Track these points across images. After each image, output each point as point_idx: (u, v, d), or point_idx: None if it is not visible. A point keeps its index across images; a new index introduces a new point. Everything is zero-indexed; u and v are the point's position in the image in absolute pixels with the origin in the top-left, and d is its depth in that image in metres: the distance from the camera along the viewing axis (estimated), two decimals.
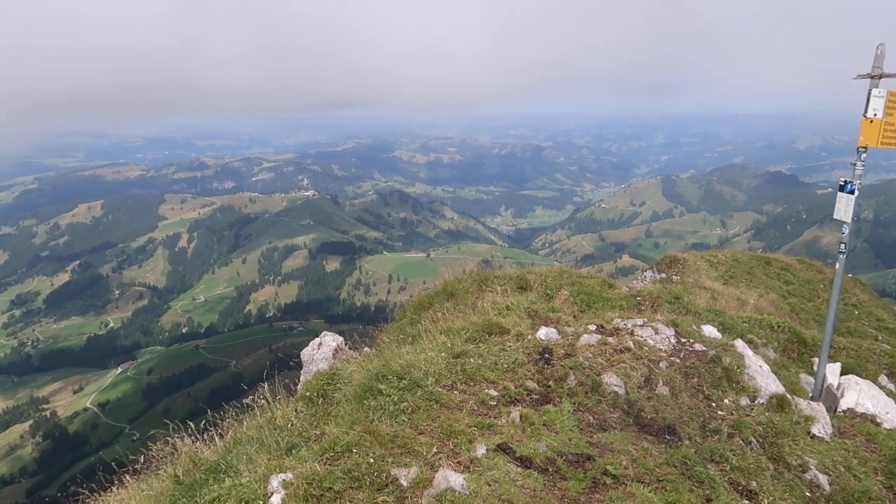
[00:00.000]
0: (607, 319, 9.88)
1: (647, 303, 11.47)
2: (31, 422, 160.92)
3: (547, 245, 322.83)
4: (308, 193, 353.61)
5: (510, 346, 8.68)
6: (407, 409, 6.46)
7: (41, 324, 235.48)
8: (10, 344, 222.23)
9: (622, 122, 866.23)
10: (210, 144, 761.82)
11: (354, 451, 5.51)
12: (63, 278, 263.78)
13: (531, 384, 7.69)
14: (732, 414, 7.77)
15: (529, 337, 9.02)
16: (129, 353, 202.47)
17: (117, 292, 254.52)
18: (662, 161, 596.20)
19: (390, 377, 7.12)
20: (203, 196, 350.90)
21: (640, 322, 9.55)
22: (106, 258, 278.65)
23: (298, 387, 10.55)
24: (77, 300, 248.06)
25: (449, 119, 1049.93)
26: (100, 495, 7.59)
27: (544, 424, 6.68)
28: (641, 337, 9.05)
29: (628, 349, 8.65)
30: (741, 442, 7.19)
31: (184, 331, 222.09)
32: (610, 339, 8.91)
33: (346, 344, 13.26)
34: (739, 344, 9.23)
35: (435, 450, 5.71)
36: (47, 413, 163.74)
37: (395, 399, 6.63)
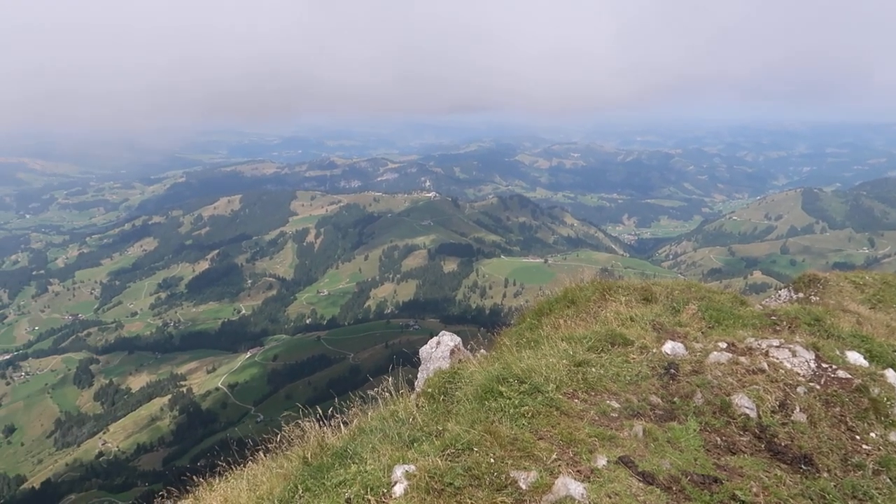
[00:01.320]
0: (739, 338, 9.39)
1: (784, 323, 10.77)
2: (169, 396, 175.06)
3: (671, 257, 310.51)
4: (429, 195, 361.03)
5: (633, 359, 8.47)
6: (527, 414, 6.47)
7: (182, 307, 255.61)
8: (155, 324, 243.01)
9: (759, 129, 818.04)
10: (340, 145, 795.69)
11: (475, 449, 5.60)
12: (203, 266, 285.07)
13: (655, 399, 7.46)
14: (879, 449, 7.15)
15: (654, 350, 8.75)
16: (258, 339, 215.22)
17: (250, 282, 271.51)
18: (804, 172, 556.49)
19: (511, 380, 7.16)
20: (331, 194, 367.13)
21: (775, 343, 9.00)
22: (241, 249, 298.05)
23: (416, 383, 10.83)
24: (214, 287, 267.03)
25: (574, 123, 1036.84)
26: (233, 470, 8.14)
27: (668, 441, 6.47)
28: (777, 359, 8.53)
29: (762, 370, 8.18)
30: (889, 481, 6.61)
31: (307, 322, 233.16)
32: (742, 359, 8.47)
33: (462, 345, 13.41)
34: (890, 374, 8.47)
35: (555, 456, 5.69)
36: (184, 389, 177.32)
37: (516, 402, 6.67)
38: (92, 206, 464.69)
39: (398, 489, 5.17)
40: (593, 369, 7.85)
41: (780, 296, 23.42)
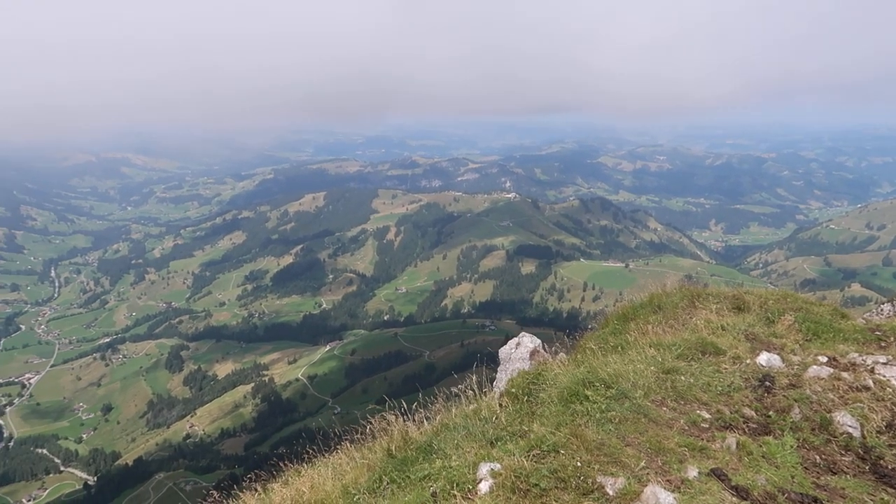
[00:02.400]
0: (840, 352, 8.90)
1: (891, 339, 10.13)
2: (252, 384, 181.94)
3: (760, 265, 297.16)
4: (510, 196, 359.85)
5: (725, 369, 8.17)
6: (614, 419, 6.36)
7: (267, 299, 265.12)
8: (241, 314, 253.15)
9: (862, 134, 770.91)
10: (422, 144, 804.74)
11: (561, 452, 5.55)
12: (287, 260, 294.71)
13: (748, 411, 7.17)
14: None
15: (748, 361, 8.41)
16: (337, 333, 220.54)
17: (331, 277, 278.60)
18: None
19: (597, 384, 7.05)
20: (412, 193, 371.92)
21: (882, 359, 8.47)
22: (324, 245, 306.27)
23: (495, 382, 10.81)
24: (297, 281, 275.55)
25: (660, 126, 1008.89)
26: (315, 458, 8.37)
27: (763, 456, 6.20)
28: (884, 377, 8.02)
29: (867, 388, 7.72)
30: None
31: (385, 318, 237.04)
32: (844, 375, 8.01)
33: (542, 347, 13.32)
34: None
35: (643, 464, 5.56)
36: (266, 379, 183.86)
37: (602, 407, 6.56)
38: (187, 200, 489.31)
39: (484, 487, 5.19)
40: (683, 377, 7.62)
41: (882, 310, 21.96)
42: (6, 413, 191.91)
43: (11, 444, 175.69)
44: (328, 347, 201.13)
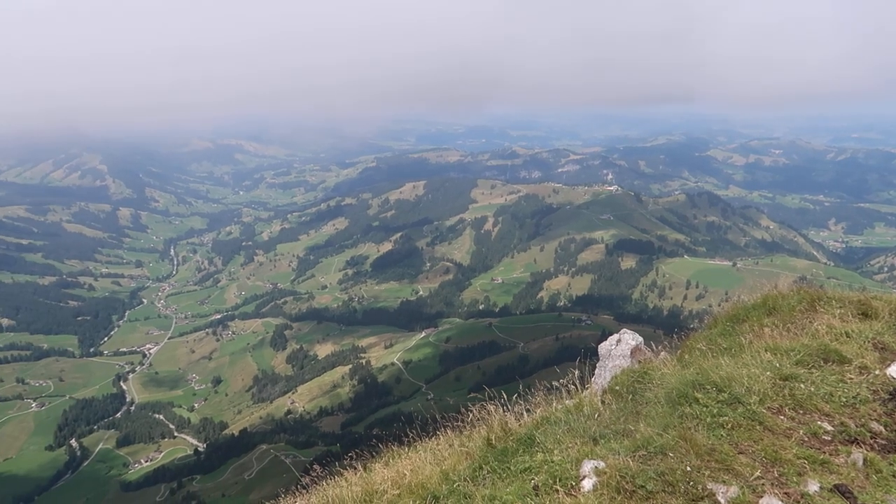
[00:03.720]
0: None
1: None
2: (350, 366, 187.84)
3: (886, 269, 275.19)
4: (611, 188, 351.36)
5: (851, 378, 7.60)
6: (726, 424, 6.07)
7: (366, 284, 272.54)
8: (342, 298, 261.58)
9: None
10: (523, 135, 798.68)
11: (669, 455, 5.36)
12: (387, 247, 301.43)
13: (876, 426, 6.65)
14: None
15: (877, 372, 7.79)
16: (432, 320, 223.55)
17: (428, 265, 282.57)
18: None
19: (708, 387, 6.75)
20: (511, 183, 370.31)
21: None
22: (423, 233, 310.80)
23: (593, 379, 10.59)
24: (396, 267, 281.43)
25: (777, 117, 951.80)
26: (411, 441, 8.49)
27: (894, 475, 5.74)
28: None
29: None
30: None
31: (480, 307, 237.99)
32: None
33: (643, 345, 12.93)
34: None
35: (758, 474, 5.28)
36: (363, 361, 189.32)
37: (714, 411, 6.27)
38: (294, 186, 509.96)
39: (587, 484, 5.09)
40: (802, 385, 7.16)
41: None
42: (129, 380, 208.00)
43: (133, 408, 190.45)
44: (423, 334, 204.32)
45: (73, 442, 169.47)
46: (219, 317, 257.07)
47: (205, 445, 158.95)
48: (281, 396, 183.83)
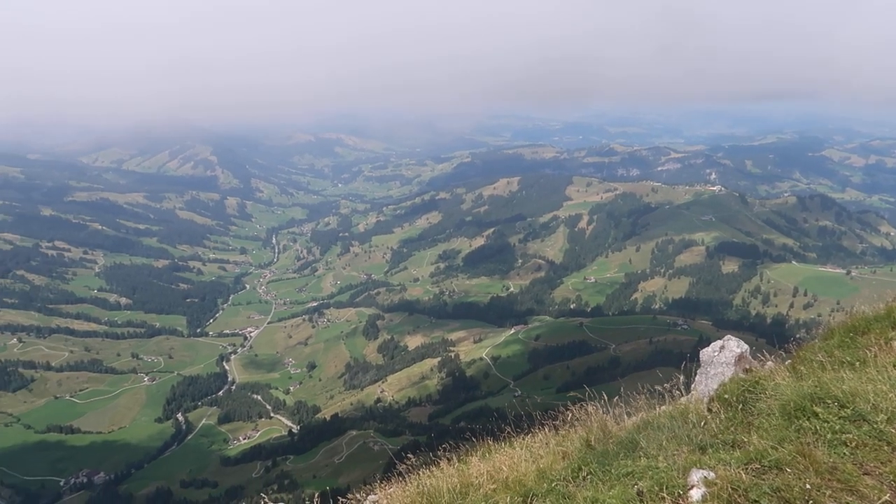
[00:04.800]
0: None
1: None
2: (439, 359, 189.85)
3: None
4: (714, 188, 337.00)
5: None
6: (849, 442, 5.65)
7: (458, 278, 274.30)
8: (433, 291, 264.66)
9: None
10: (622, 132, 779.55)
11: (786, 470, 5.05)
12: (479, 242, 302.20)
13: None
14: None
15: None
16: (522, 317, 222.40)
17: (520, 261, 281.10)
18: None
19: (829, 402, 6.32)
20: (608, 181, 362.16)
21: None
22: (515, 229, 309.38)
23: (693, 385, 10.18)
24: (487, 263, 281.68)
25: None
26: (511, 437, 8.43)
27: None
28: None
29: None
30: None
31: (571, 307, 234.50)
32: None
33: (749, 353, 12.33)
34: None
35: (886, 497, 4.89)
36: (452, 354, 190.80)
37: (836, 428, 5.86)
38: (390, 180, 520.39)
39: (695, 494, 4.88)
40: None
41: None
42: (231, 360, 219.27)
43: (233, 387, 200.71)
44: (513, 331, 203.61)
45: (180, 416, 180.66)
46: (315, 304, 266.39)
47: (298, 427, 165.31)
48: (371, 385, 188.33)
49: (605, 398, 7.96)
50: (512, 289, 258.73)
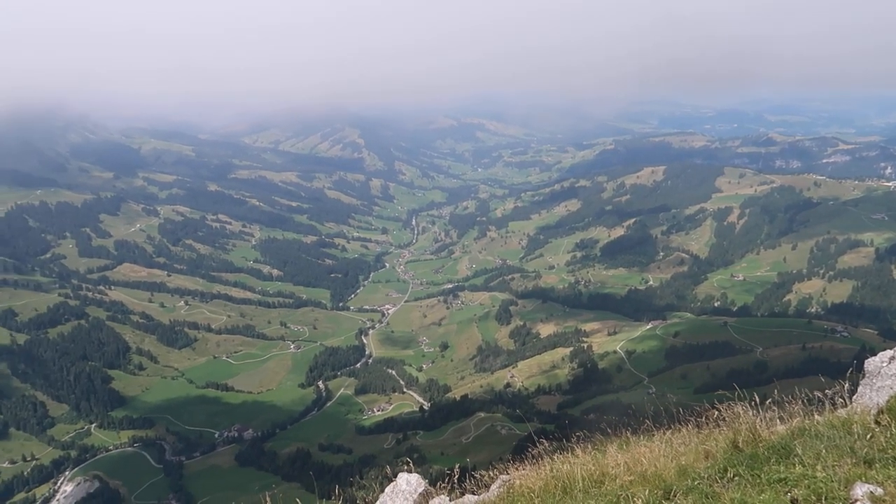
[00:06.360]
0: None
1: None
2: (571, 349, 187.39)
3: None
4: (889, 184, 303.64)
5: None
6: None
7: (594, 268, 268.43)
8: (568, 279, 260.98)
9: None
10: (782, 120, 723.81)
11: None
12: (618, 232, 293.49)
13: None
14: None
15: None
16: (660, 312, 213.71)
17: (661, 254, 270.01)
18: None
19: None
20: (763, 173, 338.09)
21: None
22: (658, 221, 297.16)
23: (855, 397, 9.38)
24: (626, 254, 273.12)
25: None
26: (653, 433, 8.20)
27: None
28: None
29: None
30: None
31: (716, 304, 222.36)
32: None
33: None
34: None
35: None
36: (584, 345, 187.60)
37: None
38: (529, 166, 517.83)
39: None
40: None
41: None
42: (369, 335, 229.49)
43: (370, 361, 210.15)
44: (650, 325, 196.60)
45: (321, 384, 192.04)
46: (450, 286, 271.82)
47: (429, 404, 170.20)
48: (501, 369, 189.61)
49: (757, 400, 7.53)
50: (651, 282, 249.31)
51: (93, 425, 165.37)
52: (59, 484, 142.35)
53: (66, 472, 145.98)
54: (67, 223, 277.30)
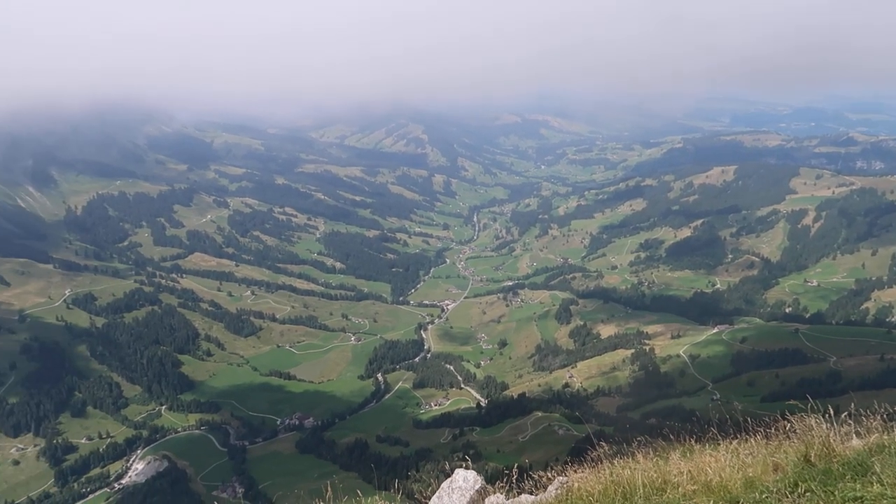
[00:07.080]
0: None
1: None
2: (632, 351, 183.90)
3: None
4: None
5: None
6: None
7: (658, 269, 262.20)
8: (631, 280, 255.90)
9: None
10: (864, 119, 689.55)
11: None
12: (685, 233, 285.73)
13: None
14: None
15: None
16: (728, 317, 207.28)
17: (730, 257, 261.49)
18: None
19: None
20: (843, 174, 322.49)
21: None
22: (727, 222, 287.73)
23: None
24: (692, 256, 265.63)
25: None
26: (720, 442, 7.95)
27: None
28: None
29: None
30: None
31: (787, 310, 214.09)
32: None
33: None
34: None
35: None
36: (646, 348, 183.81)
37: None
38: (594, 164, 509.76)
39: None
40: None
41: None
42: (428, 330, 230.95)
43: (429, 355, 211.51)
44: (716, 330, 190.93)
45: (380, 376, 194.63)
46: (510, 284, 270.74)
47: (486, 401, 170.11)
48: (560, 369, 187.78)
49: (831, 412, 7.19)
50: (718, 285, 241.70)
51: (163, 407, 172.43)
52: (131, 462, 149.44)
53: (138, 451, 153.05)
54: (144, 213, 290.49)
